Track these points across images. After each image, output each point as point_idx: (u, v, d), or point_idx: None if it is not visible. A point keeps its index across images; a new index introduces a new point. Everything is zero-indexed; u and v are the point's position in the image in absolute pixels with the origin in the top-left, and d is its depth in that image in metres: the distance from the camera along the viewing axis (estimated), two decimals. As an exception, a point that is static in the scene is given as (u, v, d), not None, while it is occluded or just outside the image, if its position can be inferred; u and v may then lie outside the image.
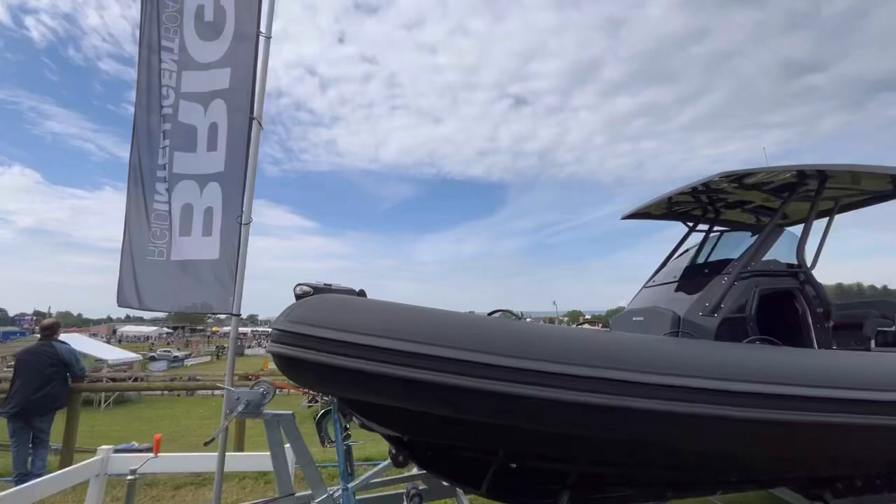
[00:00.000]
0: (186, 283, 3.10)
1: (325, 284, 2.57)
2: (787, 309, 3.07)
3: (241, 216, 3.12)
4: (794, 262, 3.18)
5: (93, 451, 3.49)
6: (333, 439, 2.63)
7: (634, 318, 3.32)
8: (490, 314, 2.54)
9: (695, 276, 3.39)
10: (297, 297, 2.45)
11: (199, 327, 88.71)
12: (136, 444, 9.55)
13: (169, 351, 44.32)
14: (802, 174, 3.13)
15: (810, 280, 3.13)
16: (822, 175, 3.15)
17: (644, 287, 3.93)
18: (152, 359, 36.21)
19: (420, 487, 3.01)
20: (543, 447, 2.53)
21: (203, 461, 3.59)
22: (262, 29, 3.26)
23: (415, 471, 3.44)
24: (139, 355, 31.42)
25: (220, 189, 3.19)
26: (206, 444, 2.34)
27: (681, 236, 4.26)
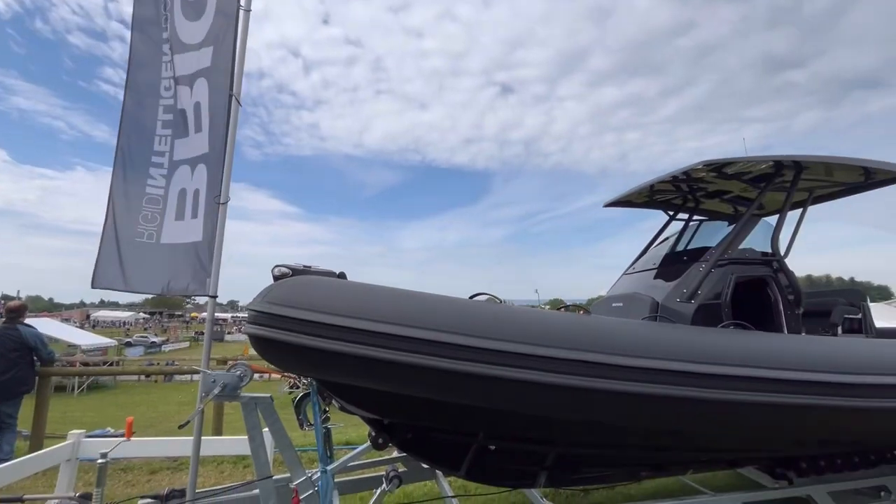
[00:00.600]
0: (174, 265, 3.09)
1: (304, 266, 2.52)
2: (760, 295, 3.16)
3: (219, 195, 3.05)
4: (769, 250, 3.27)
5: (64, 438, 3.40)
6: (312, 422, 2.62)
7: (614, 304, 3.37)
8: (472, 297, 2.53)
9: (674, 264, 3.45)
10: (276, 278, 2.39)
11: (177, 313, 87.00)
12: (111, 430, 9.34)
13: (146, 336, 43.38)
14: (779, 165, 3.20)
15: (783, 268, 3.22)
16: (798, 166, 3.23)
17: (624, 274, 3.99)
18: (128, 344, 35.41)
19: (399, 470, 3.03)
20: (522, 429, 2.56)
21: (178, 445, 3.54)
22: (242, 2, 3.17)
23: (395, 454, 3.46)
24: (114, 341, 30.63)
25: (207, 170, 3.20)
26: (180, 426, 2.30)
27: (661, 226, 4.33)
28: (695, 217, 4.24)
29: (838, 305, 3.51)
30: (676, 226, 4.28)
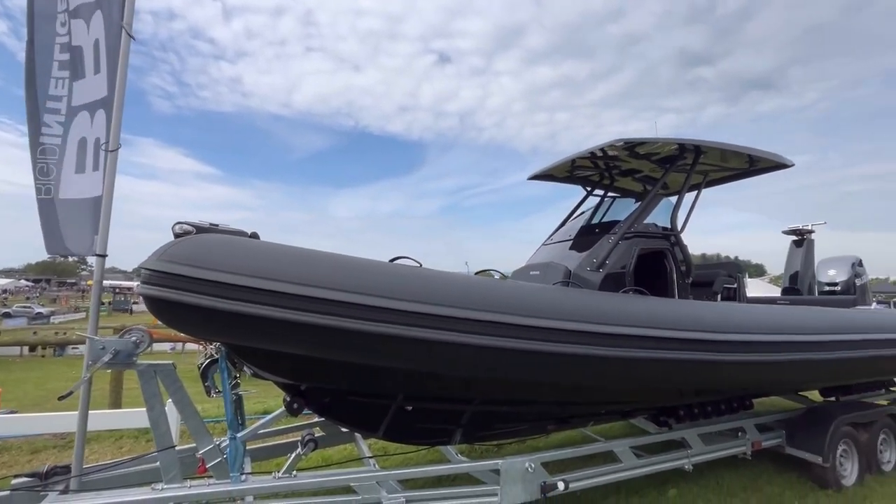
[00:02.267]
0: (75, 223, 2.78)
1: (210, 224, 2.33)
2: (658, 265, 3.50)
3: (108, 142, 2.70)
4: (668, 226, 3.61)
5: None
6: (220, 389, 2.49)
7: (532, 272, 3.55)
8: (392, 261, 2.52)
9: (587, 235, 3.69)
10: (177, 236, 2.19)
11: (69, 280, 76.90)
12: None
13: (28, 306, 38.08)
14: (683, 147, 3.53)
15: (679, 242, 3.59)
16: (698, 150, 3.58)
17: (543, 245, 4.20)
18: (6, 315, 30.87)
19: (316, 434, 3.01)
20: (441, 389, 2.65)
21: (65, 421, 3.20)
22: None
23: (316, 418, 3.42)
24: (-13, 311, 26.43)
25: (105, 116, 2.83)
26: (60, 398, 2.07)
27: (579, 201, 4.60)
28: (609, 194, 4.56)
29: (719, 276, 4.01)
30: (593, 201, 4.57)
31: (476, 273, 3.13)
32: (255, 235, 2.44)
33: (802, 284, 5.24)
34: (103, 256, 2.57)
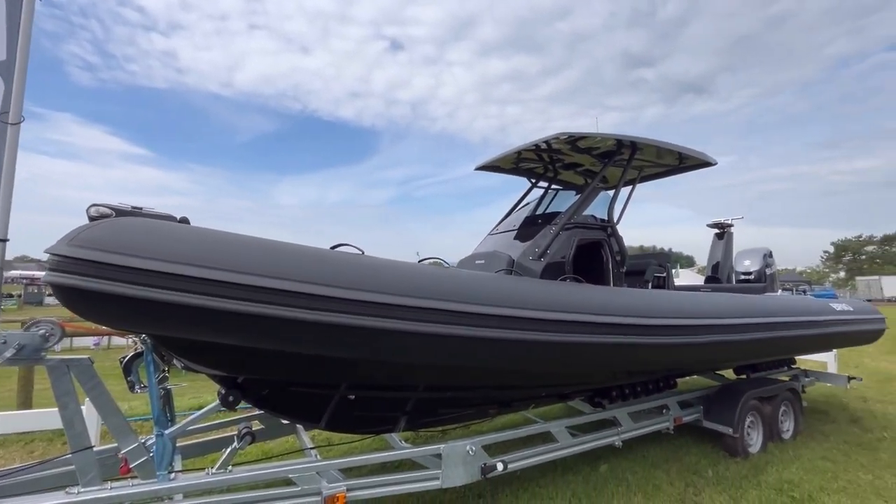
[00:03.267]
0: None
1: (133, 207, 2.15)
2: (595, 254, 3.68)
3: (8, 113, 2.41)
4: (606, 218, 3.80)
5: None
6: (146, 384, 2.33)
7: (477, 262, 3.62)
8: (333, 248, 2.46)
9: (531, 226, 3.81)
10: (92, 219, 2.01)
11: (-30, 269, 67.97)
12: None
13: (-81, 299, 33.24)
14: (620, 143, 3.72)
15: (615, 233, 3.80)
16: (634, 146, 3.78)
17: (489, 234, 4.28)
18: None
19: (254, 428, 2.91)
20: (385, 377, 2.64)
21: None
22: None
23: (254, 411, 3.29)
24: None
25: (3, 84, 2.48)
26: (-49, 398, 1.84)
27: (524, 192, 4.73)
28: (552, 186, 4.72)
29: (650, 266, 4.29)
30: (537, 193, 4.71)
31: (420, 261, 3.14)
32: (185, 220, 2.29)
33: (722, 273, 5.73)
34: (4, 241, 2.30)
